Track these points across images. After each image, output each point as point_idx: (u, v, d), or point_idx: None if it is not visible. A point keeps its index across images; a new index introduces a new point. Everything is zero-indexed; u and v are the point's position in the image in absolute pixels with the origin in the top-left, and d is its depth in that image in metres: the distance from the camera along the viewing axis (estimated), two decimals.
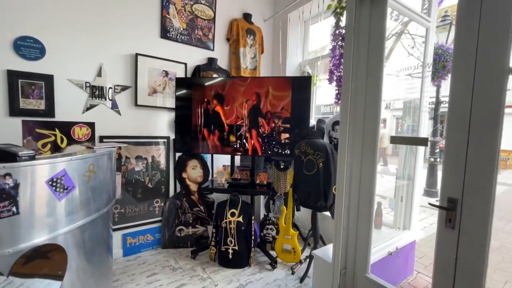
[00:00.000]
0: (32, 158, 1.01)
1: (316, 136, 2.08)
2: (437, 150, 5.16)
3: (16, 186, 0.93)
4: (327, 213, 2.43)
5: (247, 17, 2.95)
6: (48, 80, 1.96)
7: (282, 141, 2.30)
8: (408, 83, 2.11)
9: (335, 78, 1.56)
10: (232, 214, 2.23)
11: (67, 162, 1.11)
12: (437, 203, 1.16)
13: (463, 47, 1.07)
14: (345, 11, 1.47)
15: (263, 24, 3.14)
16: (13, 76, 1.83)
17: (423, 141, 1.35)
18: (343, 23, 1.52)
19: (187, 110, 2.41)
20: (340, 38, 1.50)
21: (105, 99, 2.21)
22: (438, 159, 4.96)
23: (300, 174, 2.11)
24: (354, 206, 1.58)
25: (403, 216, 2.14)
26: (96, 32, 2.12)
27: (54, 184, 1.04)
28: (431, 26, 1.95)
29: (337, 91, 1.56)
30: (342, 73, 1.48)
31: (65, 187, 1.09)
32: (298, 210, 2.42)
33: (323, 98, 3.25)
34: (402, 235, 2.03)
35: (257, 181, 2.49)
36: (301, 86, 2.24)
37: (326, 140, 2.19)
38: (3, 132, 1.83)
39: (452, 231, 1.11)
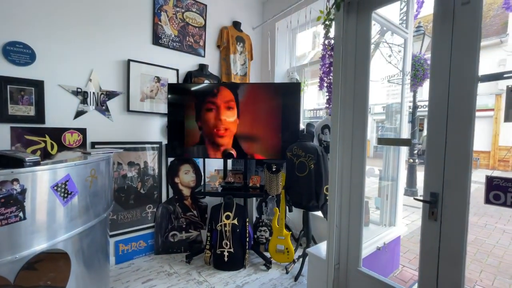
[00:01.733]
0: (37, 163, 1.01)
1: (306, 139, 2.18)
2: (415, 151, 5.48)
3: (23, 191, 0.93)
4: (318, 214, 2.54)
5: (236, 25, 3.04)
6: (38, 86, 1.93)
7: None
8: (388, 89, 2.28)
9: (325, 85, 1.68)
10: (227, 217, 2.27)
11: (71, 167, 1.11)
12: (421, 198, 1.28)
13: (438, 57, 1.21)
14: (333, 23, 1.59)
15: (252, 32, 3.24)
16: (1, 82, 1.79)
17: (407, 142, 1.49)
18: (331, 34, 1.64)
19: (179, 115, 2.44)
20: (330, 47, 1.62)
21: (97, 105, 2.20)
22: (416, 160, 5.26)
23: (292, 175, 2.20)
24: (345, 205, 1.68)
25: (389, 213, 2.28)
26: (88, 38, 2.12)
27: (59, 189, 1.05)
28: (409, 37, 2.13)
29: (327, 97, 1.68)
30: (332, 80, 1.59)
31: (69, 192, 1.10)
32: (290, 211, 2.50)
33: (307, 103, 3.40)
34: (388, 231, 2.17)
35: (250, 184, 2.55)
36: (290, 92, 2.35)
37: (316, 142, 2.30)
38: None
39: (435, 223, 1.23)
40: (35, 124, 1.93)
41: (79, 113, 2.12)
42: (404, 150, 2.22)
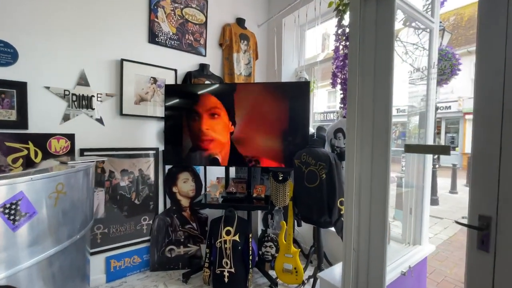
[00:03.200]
0: None
1: (317, 144, 1.93)
2: (435, 156, 5.09)
3: None
4: (331, 229, 2.26)
5: (240, 22, 2.83)
6: (21, 87, 1.76)
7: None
8: (408, 89, 1.99)
9: (339, 81, 1.42)
10: (228, 233, 2.03)
11: (26, 183, 0.91)
12: (464, 221, 1.00)
13: (488, 39, 0.94)
14: (348, 9, 1.35)
15: (257, 30, 3.03)
16: None
17: (444, 150, 1.21)
18: (346, 21, 1.39)
19: (178, 119, 2.24)
20: (344, 37, 1.37)
21: (87, 108, 2.02)
22: (437, 165, 4.88)
23: (301, 186, 1.94)
24: (364, 223, 1.41)
25: (413, 229, 1.97)
26: (77, 36, 1.95)
27: (8, 211, 0.85)
28: (435, 27, 1.85)
29: (342, 95, 1.42)
30: (347, 75, 1.34)
31: (23, 213, 0.89)
32: (299, 225, 2.23)
33: (318, 106, 3.13)
34: (413, 251, 1.86)
35: (254, 194, 2.30)
36: (298, 92, 2.11)
37: (327, 149, 2.03)
38: None
39: (486, 255, 0.95)
40: (17, 130, 1.77)
41: (66, 117, 1.94)
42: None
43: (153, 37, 2.31)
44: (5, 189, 0.87)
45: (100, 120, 2.08)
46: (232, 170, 2.67)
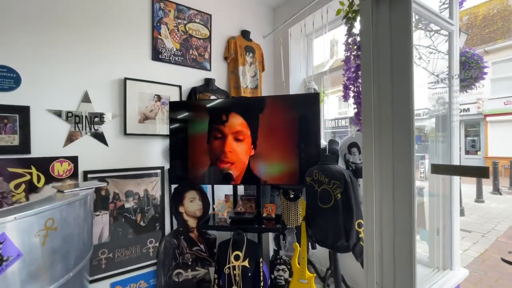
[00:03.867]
0: None
1: (329, 161, 1.78)
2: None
3: None
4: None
5: (245, 34, 2.77)
6: (23, 112, 1.74)
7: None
8: (422, 92, 1.83)
9: (352, 95, 1.30)
10: (236, 258, 1.90)
11: (10, 223, 0.83)
12: None
13: None
14: (358, 16, 1.23)
15: (263, 41, 2.96)
16: None
17: (482, 172, 1.02)
18: (356, 29, 1.27)
19: (183, 136, 2.17)
20: (355, 47, 1.25)
21: (90, 129, 1.98)
22: None
23: (314, 206, 1.79)
24: (388, 252, 1.24)
25: (442, 252, 1.77)
26: (79, 57, 1.93)
27: None
28: (455, 30, 1.70)
29: (356, 110, 1.29)
30: (360, 88, 1.22)
31: (5, 258, 0.81)
32: (313, 248, 2.07)
33: (328, 112, 3.00)
34: (444, 279, 1.66)
35: (264, 214, 2.17)
36: (308, 104, 1.99)
37: (341, 165, 1.89)
38: None
39: None
40: (20, 155, 1.73)
41: (69, 140, 1.90)
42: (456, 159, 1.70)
43: (156, 54, 2.27)
44: None
45: (103, 141, 2.03)
46: (240, 187, 2.55)
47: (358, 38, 1.27)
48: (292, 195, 2.14)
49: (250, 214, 2.16)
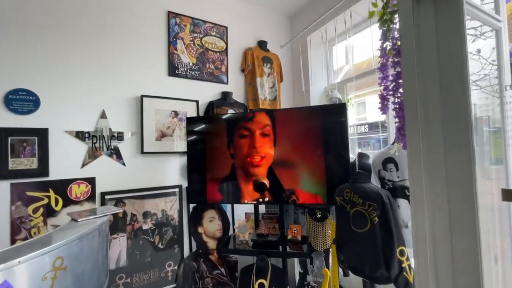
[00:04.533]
0: None
1: (362, 178, 1.60)
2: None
3: None
4: None
5: (262, 44, 2.68)
6: (42, 134, 1.72)
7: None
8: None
9: (392, 107, 1.13)
10: (261, 286, 1.73)
11: (14, 268, 0.74)
12: None
13: None
14: (396, 18, 1.08)
15: (280, 51, 2.86)
16: (2, 134, 1.60)
17: None
18: (392, 33, 1.12)
19: (201, 153, 2.07)
20: (394, 52, 1.10)
21: (107, 149, 1.93)
22: None
23: (347, 230, 1.60)
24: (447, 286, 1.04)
25: (501, 284, 1.51)
26: (96, 76, 1.91)
27: None
28: (503, 27, 1.49)
29: (397, 124, 1.12)
30: (401, 99, 1.05)
31: None
32: (345, 275, 1.86)
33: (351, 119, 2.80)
34: None
35: (289, 236, 1.99)
36: (334, 115, 1.83)
37: (374, 182, 1.69)
38: None
39: None
40: (38, 178, 1.70)
41: (87, 161, 1.86)
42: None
43: (173, 70, 2.22)
44: None
45: (121, 161, 1.97)
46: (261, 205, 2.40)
47: (397, 43, 1.11)
48: (319, 215, 1.96)
49: (274, 236, 2.00)
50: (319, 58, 2.73)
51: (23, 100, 1.68)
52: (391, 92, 1.13)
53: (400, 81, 1.10)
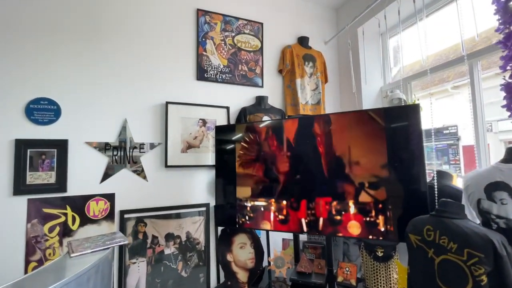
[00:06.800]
0: None
1: (454, 211, 1.09)
2: None
3: None
4: None
5: (303, 41, 2.32)
6: (62, 146, 1.59)
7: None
8: None
9: None
10: None
11: None
12: None
13: None
14: None
15: (324, 47, 2.46)
16: (21, 146, 1.51)
17: None
18: None
19: (231, 167, 1.76)
20: None
21: (129, 162, 1.74)
22: None
23: (428, 284, 1.11)
24: None
25: None
26: (118, 82, 1.76)
27: None
28: None
29: None
30: None
31: None
32: None
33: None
34: None
35: (339, 278, 1.54)
36: (402, 121, 1.36)
37: (470, 217, 1.16)
38: (4, 216, 1.46)
39: None
40: (56, 194, 1.56)
41: (107, 175, 1.68)
42: None
43: (201, 73, 1.98)
44: None
45: (142, 175, 1.77)
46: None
47: None
48: (381, 253, 1.47)
49: (319, 276, 1.56)
50: (373, 53, 2.26)
51: (44, 110, 1.57)
52: None
53: None
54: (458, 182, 1.51)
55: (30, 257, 1.49)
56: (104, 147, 1.69)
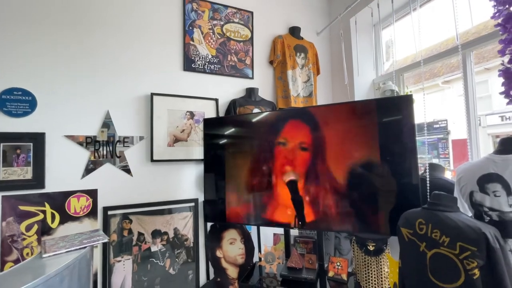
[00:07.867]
0: None
1: (446, 204, 1.06)
2: None
3: None
4: None
5: (294, 31, 2.25)
6: (38, 140, 1.49)
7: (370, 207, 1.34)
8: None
9: None
10: None
11: None
12: None
13: None
14: None
15: (316, 38, 2.40)
16: None
17: None
18: None
19: (220, 161, 1.70)
20: None
21: (111, 157, 1.66)
22: None
23: (420, 279, 1.09)
24: None
25: None
26: (99, 71, 1.66)
27: None
28: None
29: None
30: None
31: None
32: None
33: None
34: None
35: (330, 273, 1.52)
36: (395, 112, 1.33)
37: (462, 209, 1.14)
38: None
39: None
40: (33, 190, 1.47)
41: (88, 170, 1.60)
42: None
43: (188, 64, 1.90)
44: None
45: (127, 170, 1.69)
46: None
47: None
48: (373, 247, 1.45)
49: (310, 271, 1.54)
50: (366, 44, 2.21)
51: (18, 101, 1.47)
52: None
53: None
54: (447, 176, 1.49)
55: (6, 257, 1.41)
56: (85, 141, 1.60)
